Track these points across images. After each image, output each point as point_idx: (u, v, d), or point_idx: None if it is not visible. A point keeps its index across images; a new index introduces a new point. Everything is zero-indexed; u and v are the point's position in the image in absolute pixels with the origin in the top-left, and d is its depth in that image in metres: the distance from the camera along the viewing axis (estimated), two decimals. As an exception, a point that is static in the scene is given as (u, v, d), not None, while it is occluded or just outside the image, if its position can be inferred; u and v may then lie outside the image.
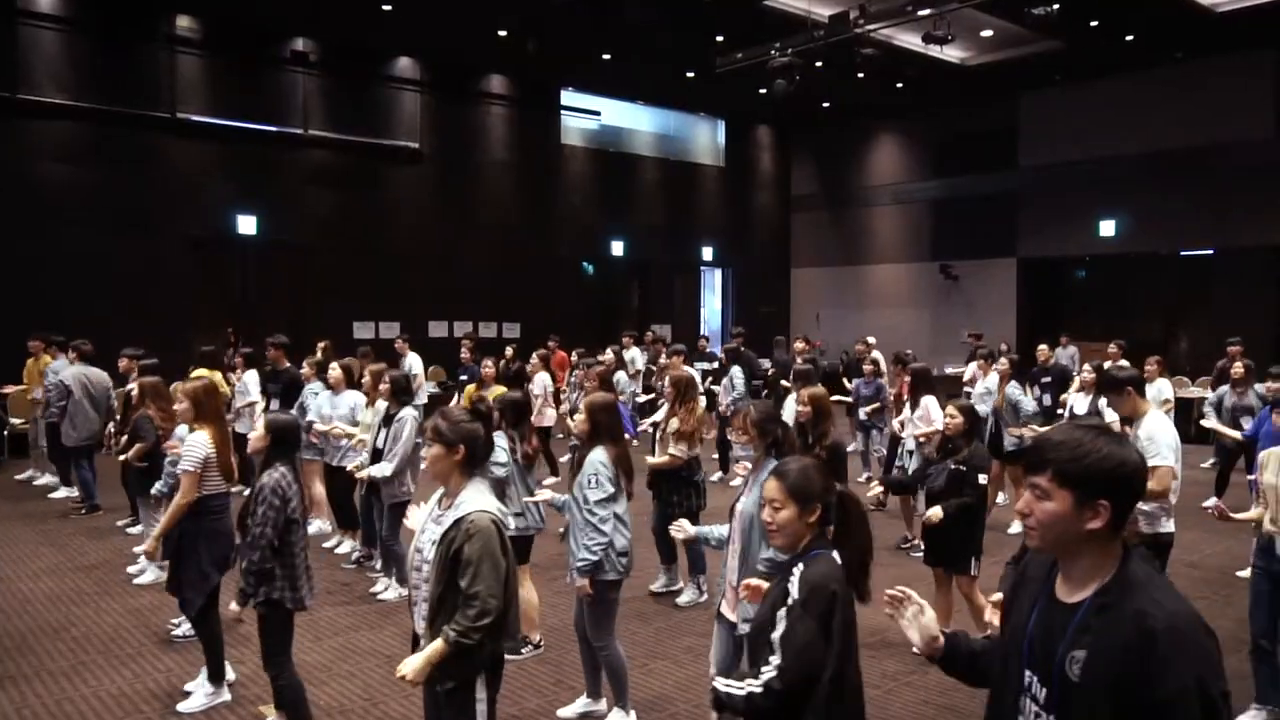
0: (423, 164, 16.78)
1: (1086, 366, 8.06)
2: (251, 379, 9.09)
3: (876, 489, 6.20)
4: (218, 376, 10.68)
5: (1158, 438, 4.62)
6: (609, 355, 10.04)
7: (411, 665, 2.89)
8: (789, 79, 12.35)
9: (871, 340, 15.41)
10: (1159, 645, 1.58)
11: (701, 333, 21.01)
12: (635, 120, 20.33)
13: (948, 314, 19.62)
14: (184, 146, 14.33)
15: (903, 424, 8.11)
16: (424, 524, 3.11)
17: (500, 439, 5.22)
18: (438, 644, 2.83)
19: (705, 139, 21.62)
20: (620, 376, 9.93)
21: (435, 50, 16.47)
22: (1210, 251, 16.77)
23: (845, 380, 15.35)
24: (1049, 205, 18.44)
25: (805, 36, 12.09)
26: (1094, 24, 13.99)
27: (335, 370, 7.27)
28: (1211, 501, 4.59)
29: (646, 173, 20.35)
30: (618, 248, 19.64)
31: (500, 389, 8.51)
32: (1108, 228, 17.68)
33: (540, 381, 10.08)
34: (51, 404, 9.26)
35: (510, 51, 16.11)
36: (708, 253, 21.33)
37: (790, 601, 2.40)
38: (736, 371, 10.61)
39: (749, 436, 4.08)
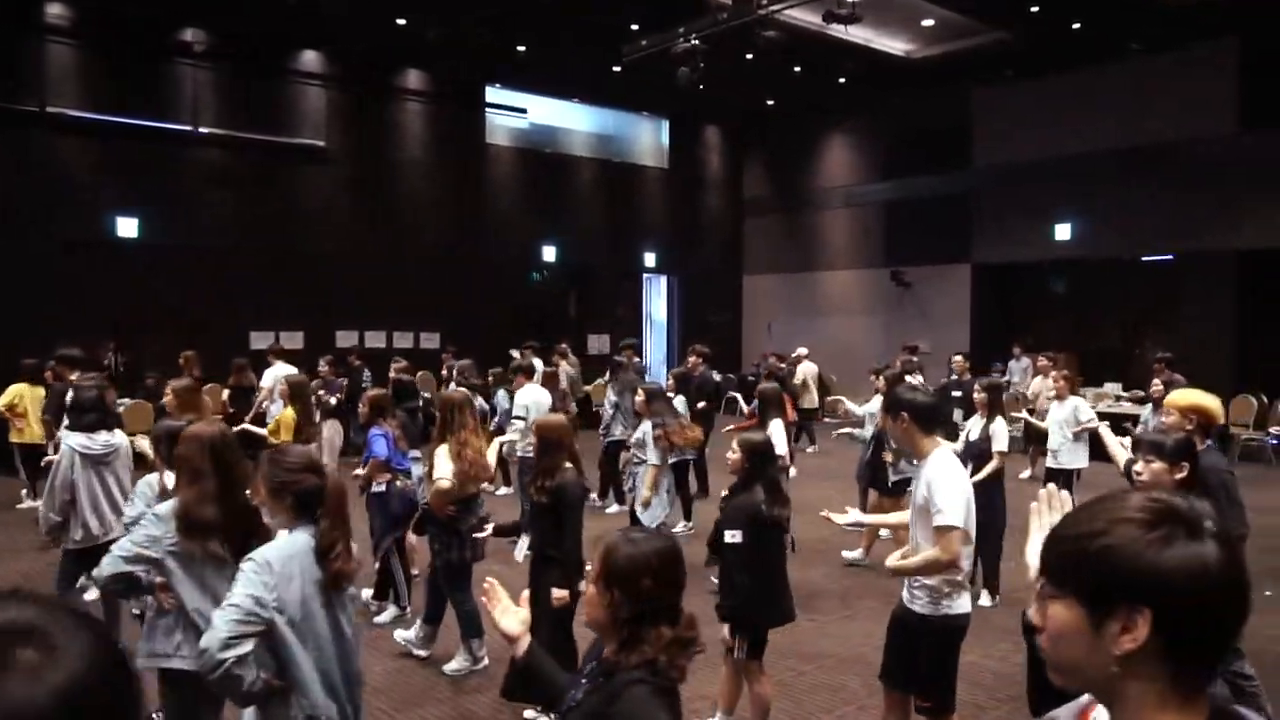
0: (329, 163, 15.72)
1: (978, 385, 6.93)
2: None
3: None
4: (39, 393, 9.69)
5: (944, 489, 3.51)
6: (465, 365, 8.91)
7: None
8: (693, 66, 11.30)
9: (803, 351, 14.34)
10: None
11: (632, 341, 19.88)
12: (570, 119, 19.26)
13: (901, 323, 18.50)
14: (55, 142, 13.28)
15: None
16: None
17: None
18: None
19: (648, 139, 20.55)
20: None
21: (344, 44, 15.44)
22: (1170, 257, 15.67)
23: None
24: (1004, 208, 17.36)
25: (710, 20, 11.05)
26: (1034, 9, 12.95)
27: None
28: None
29: (583, 174, 19.28)
30: (550, 253, 18.56)
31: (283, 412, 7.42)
32: (1064, 231, 16.60)
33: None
34: None
35: (426, 46, 15.13)
36: (650, 259, 20.24)
37: None
38: (609, 392, 9.56)
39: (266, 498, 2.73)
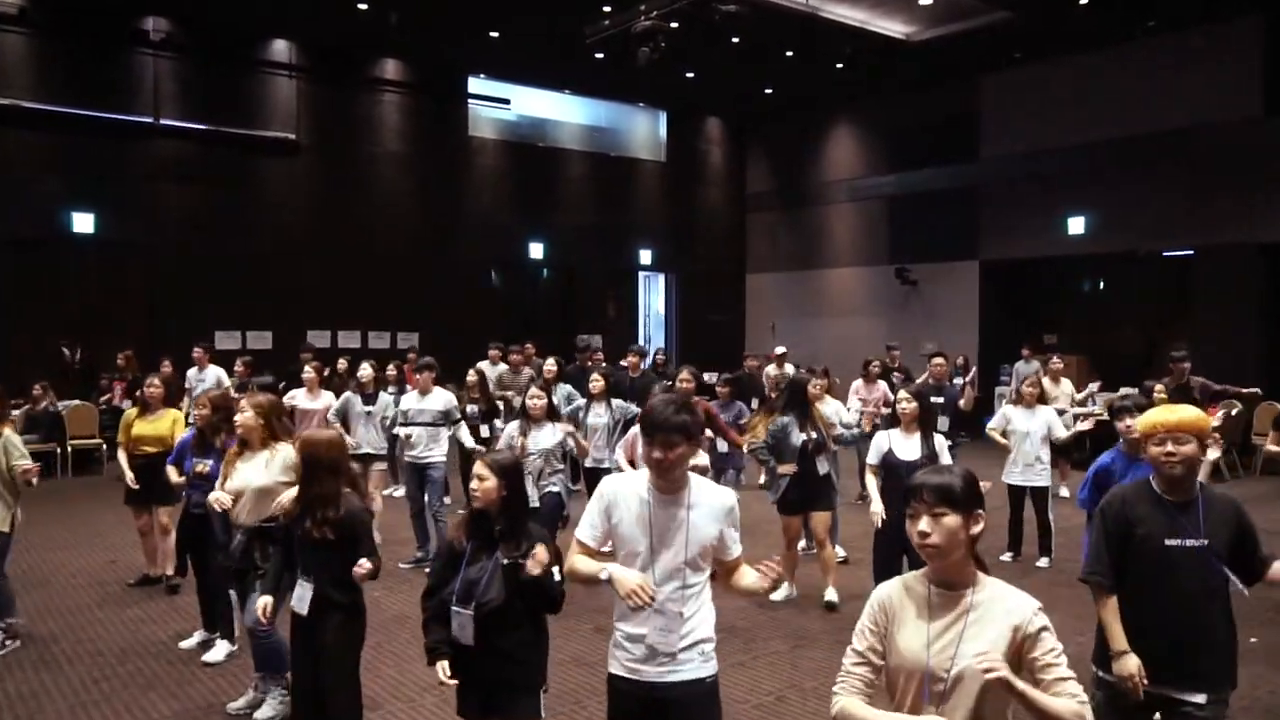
0: (300, 156, 15.14)
1: (903, 394, 5.90)
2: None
3: None
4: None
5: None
6: (365, 370, 8.17)
7: None
8: (653, 46, 10.53)
9: (781, 350, 13.46)
10: None
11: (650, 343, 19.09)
12: (562, 112, 18.54)
13: (906, 323, 17.51)
14: (6, 135, 12.83)
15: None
16: None
17: None
18: None
19: (644, 132, 19.76)
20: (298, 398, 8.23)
21: (314, 32, 14.86)
22: (1190, 251, 14.54)
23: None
24: (1013, 201, 16.32)
25: (671, -5, 10.28)
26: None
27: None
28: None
29: (574, 168, 18.53)
30: (538, 250, 17.85)
31: (174, 413, 6.77)
32: (1077, 225, 15.53)
33: (383, 404, 8.27)
34: None
35: (402, 34, 14.49)
36: (646, 256, 19.44)
37: None
38: (562, 390, 8.93)
39: None
